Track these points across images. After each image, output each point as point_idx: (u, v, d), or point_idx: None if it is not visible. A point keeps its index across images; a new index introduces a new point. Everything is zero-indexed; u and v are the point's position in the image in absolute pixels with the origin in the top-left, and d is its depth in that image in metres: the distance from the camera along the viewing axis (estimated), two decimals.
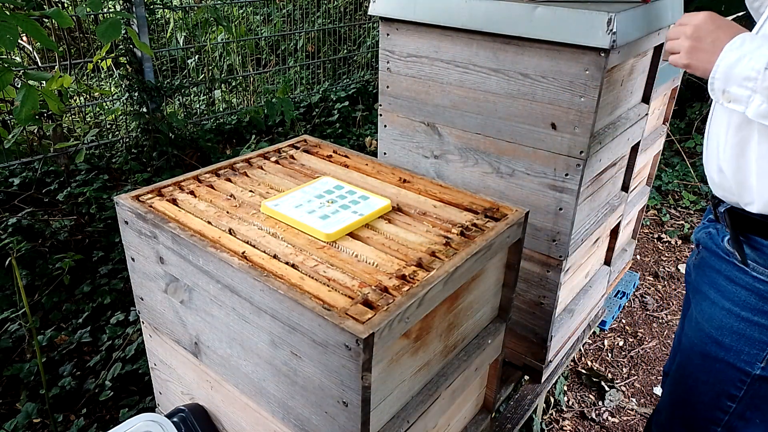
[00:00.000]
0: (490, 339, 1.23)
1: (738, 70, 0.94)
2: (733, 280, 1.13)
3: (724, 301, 1.15)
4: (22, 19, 1.78)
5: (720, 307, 1.16)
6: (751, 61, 0.92)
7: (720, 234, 1.18)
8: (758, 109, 0.93)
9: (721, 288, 1.16)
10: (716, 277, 1.18)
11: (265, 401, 1.04)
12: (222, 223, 1.09)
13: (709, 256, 1.20)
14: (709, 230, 1.22)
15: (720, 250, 1.17)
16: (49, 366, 2.11)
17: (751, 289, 1.09)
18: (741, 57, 0.94)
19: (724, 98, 0.98)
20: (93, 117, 3.87)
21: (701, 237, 1.24)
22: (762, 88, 0.91)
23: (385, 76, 1.72)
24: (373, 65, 5.23)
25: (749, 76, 0.92)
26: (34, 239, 2.65)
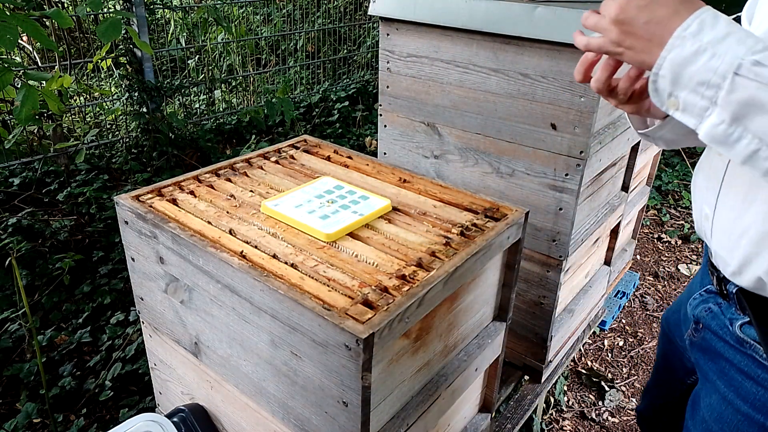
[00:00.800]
0: (490, 339, 1.23)
1: (694, 69, 0.64)
2: (753, 377, 0.88)
3: (740, 402, 0.90)
4: (22, 19, 1.78)
5: (735, 408, 0.91)
6: (713, 60, 0.63)
7: (726, 314, 0.93)
8: (714, 130, 0.65)
9: (736, 384, 0.91)
10: (727, 367, 0.93)
11: (265, 401, 1.04)
12: (222, 223, 1.09)
13: (714, 339, 0.96)
14: (709, 306, 0.97)
15: (730, 338, 0.91)
16: (49, 366, 2.10)
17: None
18: (700, 50, 0.64)
19: (670, 104, 0.69)
20: (93, 117, 3.87)
21: (701, 315, 0.99)
22: (727, 101, 0.63)
23: (385, 76, 1.72)
24: (373, 65, 5.23)
25: (709, 81, 0.64)
26: (34, 239, 2.65)
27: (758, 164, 0.64)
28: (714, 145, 0.67)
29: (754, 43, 0.63)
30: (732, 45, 0.63)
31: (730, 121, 0.64)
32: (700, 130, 0.67)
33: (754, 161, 0.64)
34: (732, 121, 0.64)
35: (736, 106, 0.63)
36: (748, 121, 0.62)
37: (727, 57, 0.63)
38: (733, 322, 0.91)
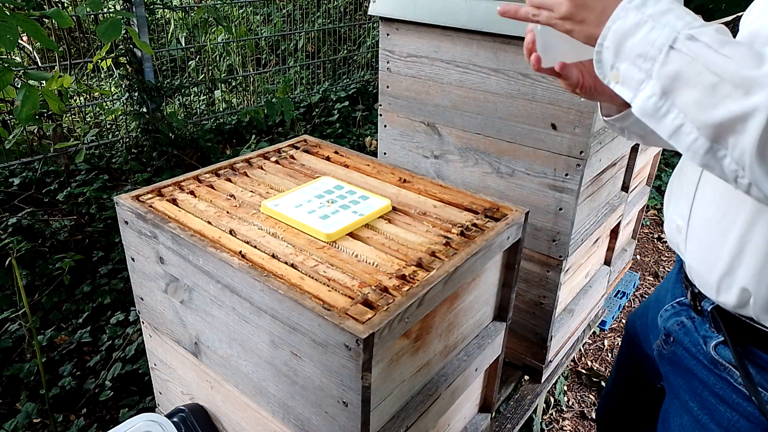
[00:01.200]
0: (490, 339, 1.23)
1: (634, 41, 0.65)
2: (728, 402, 0.85)
3: (714, 426, 0.88)
4: (22, 19, 1.78)
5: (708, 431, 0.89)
6: (652, 32, 0.63)
7: (700, 331, 0.89)
8: (646, 103, 0.65)
9: (710, 407, 0.88)
10: (700, 388, 0.90)
11: (265, 401, 1.04)
12: (222, 223, 1.09)
13: (686, 356, 0.92)
14: (682, 320, 0.93)
15: (703, 357, 0.88)
16: (49, 366, 2.10)
17: (756, 422, 0.82)
18: (641, 23, 0.64)
19: (612, 77, 0.68)
20: (93, 117, 3.87)
21: (673, 328, 0.95)
22: (660, 74, 0.63)
23: (385, 76, 1.72)
24: (373, 65, 5.23)
25: (647, 53, 0.64)
26: (34, 239, 2.65)
27: (681, 139, 0.64)
28: (645, 120, 0.67)
29: (693, 19, 0.64)
30: (671, 19, 0.63)
31: (660, 95, 0.64)
32: (634, 103, 0.67)
33: (678, 136, 0.64)
34: (662, 95, 0.64)
35: (666, 80, 0.63)
36: (675, 95, 0.63)
37: (665, 30, 0.63)
38: (707, 341, 0.87)
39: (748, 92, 0.57)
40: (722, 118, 0.59)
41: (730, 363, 0.84)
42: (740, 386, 0.83)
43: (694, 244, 0.86)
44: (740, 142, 0.58)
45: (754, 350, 0.81)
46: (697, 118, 0.61)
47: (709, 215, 0.82)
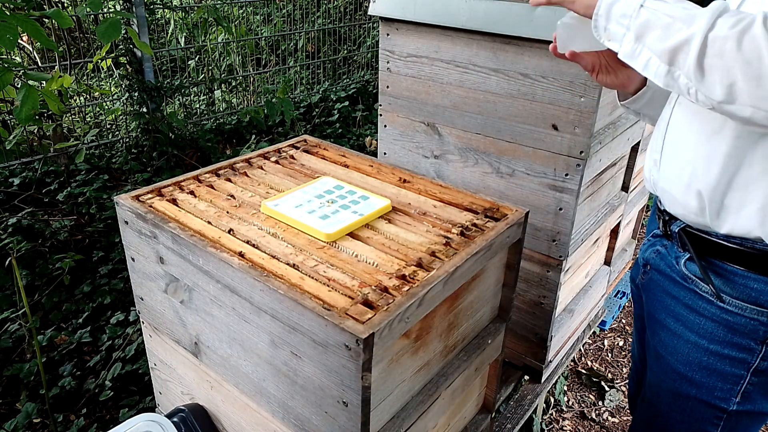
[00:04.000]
0: (490, 339, 1.23)
1: (617, 7, 0.88)
2: (696, 310, 1.03)
3: (689, 333, 1.05)
4: (22, 19, 1.78)
5: (684, 339, 1.06)
6: None
7: (672, 254, 1.08)
8: (626, 48, 0.88)
9: (682, 318, 1.06)
10: (673, 304, 1.08)
11: (265, 401, 1.04)
12: (222, 223, 1.09)
13: (661, 279, 1.10)
14: (657, 248, 1.12)
15: (676, 275, 1.06)
16: (49, 366, 2.11)
17: (719, 321, 1.00)
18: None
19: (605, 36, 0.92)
20: (93, 117, 3.87)
21: (650, 257, 1.13)
22: (635, 25, 0.86)
23: (385, 76, 1.72)
24: (373, 65, 5.23)
25: (626, 12, 0.87)
26: (34, 239, 2.65)
27: (650, 68, 0.85)
28: (626, 60, 0.89)
29: None
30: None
31: (635, 40, 0.87)
32: (620, 51, 0.90)
33: (648, 67, 0.86)
34: (636, 39, 0.86)
35: (639, 28, 0.86)
36: (645, 38, 0.85)
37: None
38: (678, 260, 1.06)
39: (690, 24, 0.80)
40: (674, 45, 0.81)
41: (696, 275, 1.02)
42: (705, 293, 1.02)
43: (665, 168, 1.04)
44: (687, 60, 0.80)
45: (714, 261, 0.99)
46: (658, 50, 0.84)
47: (675, 138, 1.02)
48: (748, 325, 0.97)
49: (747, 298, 0.97)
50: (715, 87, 0.78)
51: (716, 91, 0.78)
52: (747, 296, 0.96)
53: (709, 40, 0.77)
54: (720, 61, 0.77)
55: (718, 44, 0.77)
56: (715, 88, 0.78)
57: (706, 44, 0.78)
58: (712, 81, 0.78)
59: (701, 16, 0.79)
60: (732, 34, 0.76)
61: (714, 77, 0.78)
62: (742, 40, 0.75)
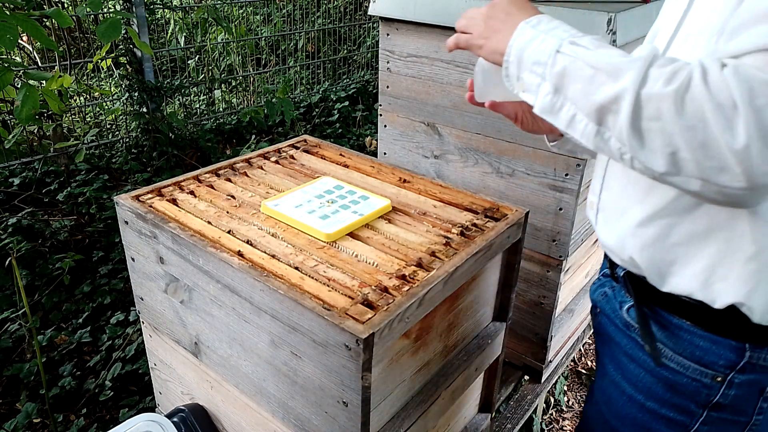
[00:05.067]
0: (490, 339, 1.23)
1: (529, 52, 0.77)
2: (636, 360, 0.93)
3: (626, 384, 0.95)
4: (22, 19, 1.78)
5: (620, 390, 0.97)
6: (543, 43, 0.76)
7: (618, 298, 0.97)
8: (544, 101, 0.75)
9: (622, 366, 0.96)
10: (616, 351, 0.98)
11: (265, 401, 1.04)
12: (222, 223, 1.09)
13: (608, 323, 1.00)
14: (605, 290, 1.02)
15: (619, 321, 0.96)
16: (49, 366, 2.10)
17: (658, 377, 0.90)
18: (534, 37, 0.77)
19: (518, 87, 0.80)
20: (93, 117, 3.87)
21: (598, 299, 1.04)
22: (551, 74, 0.74)
23: (385, 76, 1.72)
24: (373, 65, 5.23)
25: (539, 60, 0.75)
26: (34, 239, 2.64)
27: (575, 127, 0.73)
28: (545, 116, 0.76)
29: (576, 32, 0.76)
30: (558, 32, 0.76)
31: (554, 92, 0.74)
32: (535, 104, 0.77)
33: (573, 125, 0.73)
34: (555, 91, 0.74)
35: (556, 78, 0.73)
36: (565, 90, 0.73)
37: (553, 40, 0.75)
38: (622, 305, 0.96)
39: (617, 77, 0.67)
40: (601, 102, 0.68)
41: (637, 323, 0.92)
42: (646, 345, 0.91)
43: (603, 215, 0.96)
44: (618, 121, 0.67)
45: (658, 310, 0.89)
46: (583, 106, 0.71)
47: (613, 185, 0.92)
48: (690, 385, 0.86)
49: (691, 357, 0.86)
50: (655, 155, 0.65)
51: (657, 160, 0.65)
52: (691, 354, 0.85)
53: (643, 99, 0.64)
54: (658, 125, 0.63)
55: (654, 104, 0.63)
56: (656, 156, 0.65)
57: (639, 104, 0.64)
58: (651, 148, 0.65)
59: (630, 68, 0.66)
60: (669, 94, 0.62)
61: (653, 144, 0.65)
62: (683, 101, 0.61)
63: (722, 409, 0.86)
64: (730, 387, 0.84)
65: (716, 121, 0.60)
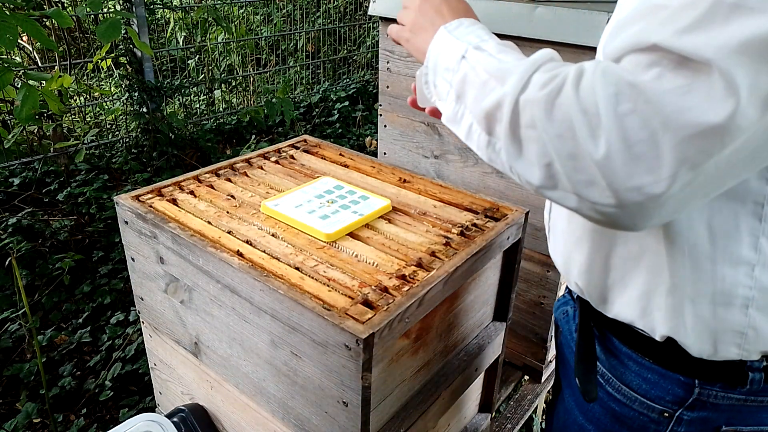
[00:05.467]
0: (490, 339, 1.23)
1: (443, 58, 0.72)
2: None
3: (578, 412, 0.90)
4: (22, 19, 1.78)
5: (573, 418, 0.91)
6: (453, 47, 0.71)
7: (574, 320, 0.91)
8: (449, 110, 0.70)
9: (576, 394, 0.89)
10: (571, 375, 0.90)
11: (265, 401, 1.04)
12: (222, 223, 1.09)
13: (564, 344, 0.95)
14: (566, 310, 0.96)
15: (573, 343, 0.90)
16: (49, 366, 2.11)
17: (606, 408, 0.84)
18: (448, 42, 0.72)
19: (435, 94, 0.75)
20: (93, 117, 3.87)
21: (559, 317, 0.98)
22: (454, 81, 0.69)
23: (385, 76, 1.72)
24: (373, 65, 5.23)
25: (449, 66, 0.70)
26: (34, 239, 2.65)
27: (472, 138, 0.67)
28: (451, 127, 0.71)
29: (484, 34, 0.72)
30: (469, 36, 0.72)
31: (456, 100, 0.69)
32: (443, 114, 0.72)
33: (470, 135, 0.67)
34: (457, 99, 0.69)
35: (458, 85, 0.69)
36: (465, 97, 0.68)
37: (461, 44, 0.70)
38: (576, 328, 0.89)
39: (503, 81, 0.61)
40: (487, 109, 0.62)
41: None
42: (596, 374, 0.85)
43: (551, 234, 0.92)
44: (501, 129, 0.61)
45: (608, 334, 0.83)
46: (476, 114, 0.65)
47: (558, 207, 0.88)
48: (638, 419, 0.81)
49: (637, 389, 0.79)
50: (531, 167, 0.59)
51: (533, 172, 0.59)
52: (638, 387, 0.79)
53: (521, 105, 0.58)
54: (533, 133, 0.57)
55: (528, 111, 0.58)
56: (532, 168, 0.59)
57: (517, 110, 0.59)
58: (528, 159, 0.59)
59: (513, 72, 0.61)
60: (540, 99, 0.56)
61: (529, 154, 0.59)
62: (552, 107, 0.55)
63: None
64: (680, 424, 0.78)
65: (581, 128, 0.54)
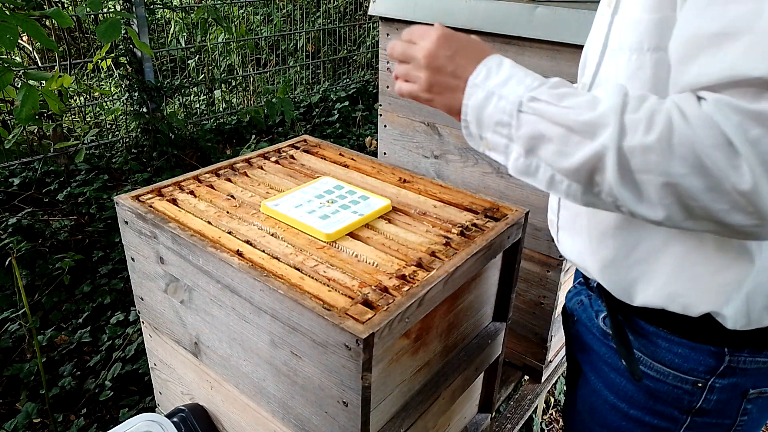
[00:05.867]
0: (490, 339, 1.23)
1: (488, 112, 0.72)
2: (616, 369, 0.92)
3: (607, 392, 0.94)
4: (22, 19, 1.78)
5: (603, 398, 0.95)
6: (501, 101, 0.71)
7: (594, 307, 0.96)
8: (516, 163, 0.72)
9: (603, 375, 0.94)
10: (595, 359, 0.96)
11: (265, 401, 1.04)
12: (222, 223, 1.09)
13: (585, 332, 0.99)
14: (581, 299, 1.00)
15: (596, 330, 0.95)
16: (49, 366, 2.10)
17: (638, 385, 0.89)
18: (489, 95, 0.72)
19: (483, 145, 0.76)
20: (93, 117, 3.87)
21: (574, 307, 1.02)
22: (518, 136, 0.70)
23: (385, 76, 1.72)
24: (373, 65, 5.23)
25: (502, 120, 0.71)
26: (34, 239, 2.65)
27: (558, 188, 0.69)
28: (522, 178, 0.73)
29: (532, 81, 0.71)
30: (513, 86, 0.71)
31: (526, 154, 0.70)
32: (508, 166, 0.74)
33: (553, 185, 0.70)
34: (527, 154, 0.70)
35: (525, 140, 0.69)
36: (537, 151, 0.69)
37: (510, 97, 0.70)
38: (599, 314, 0.94)
39: (593, 135, 0.63)
40: (581, 162, 0.64)
41: None
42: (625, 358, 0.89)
43: (564, 234, 0.95)
44: (605, 178, 0.63)
45: (633, 318, 0.87)
46: (562, 168, 0.67)
47: (570, 207, 0.91)
48: (672, 393, 0.85)
49: (670, 364, 0.84)
50: (655, 207, 0.62)
51: (658, 211, 0.62)
52: (670, 362, 0.84)
53: (627, 153, 0.61)
54: (651, 177, 0.60)
55: (640, 157, 0.60)
56: (656, 208, 0.62)
57: (624, 158, 0.61)
58: (649, 200, 0.62)
59: (604, 122, 0.62)
60: (653, 144, 0.59)
61: (651, 196, 0.61)
62: (671, 149, 0.58)
63: (706, 414, 0.85)
64: (712, 392, 0.83)
65: (716, 162, 0.56)
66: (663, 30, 0.69)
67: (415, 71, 0.80)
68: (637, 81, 0.73)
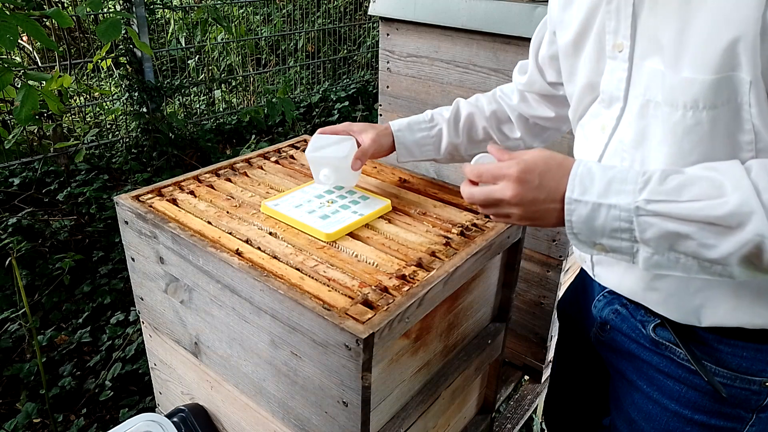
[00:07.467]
0: (490, 339, 1.23)
1: (600, 223, 0.72)
2: (675, 377, 0.91)
3: (667, 400, 0.94)
4: (22, 19, 1.78)
5: (662, 406, 0.95)
6: (612, 211, 0.71)
7: (636, 316, 0.95)
8: (650, 261, 0.72)
9: (658, 383, 0.94)
10: (645, 367, 0.96)
11: (265, 401, 1.04)
12: (222, 223, 1.09)
13: (627, 341, 0.97)
14: (616, 308, 0.99)
15: (643, 339, 0.94)
16: (49, 366, 2.11)
17: (705, 392, 0.89)
18: (595, 208, 0.72)
19: (598, 249, 0.76)
20: (93, 117, 3.87)
21: (609, 317, 1.00)
22: (645, 239, 0.70)
23: (385, 76, 1.72)
24: (373, 65, 5.23)
25: (620, 227, 0.71)
26: (34, 239, 2.65)
27: (707, 272, 0.70)
28: (658, 272, 0.73)
29: (634, 180, 0.71)
30: (619, 194, 0.71)
31: (661, 252, 0.70)
32: (638, 265, 0.73)
33: (702, 272, 0.70)
34: (662, 251, 0.70)
35: (657, 241, 0.70)
36: (674, 248, 0.69)
37: (621, 205, 0.70)
38: (645, 324, 0.93)
39: (739, 225, 0.65)
40: (731, 252, 0.66)
41: (670, 342, 0.90)
42: (683, 362, 0.89)
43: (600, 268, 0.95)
44: (764, 260, 0.66)
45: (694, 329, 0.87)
46: (710, 258, 0.68)
47: None
48: (739, 395, 0.87)
49: (737, 368, 0.86)
50: None
51: None
52: (737, 366, 0.86)
53: None
54: None
55: None
56: None
57: None
58: None
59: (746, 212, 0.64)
60: None
61: None
62: None
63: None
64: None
65: None
66: (720, 89, 0.70)
67: (505, 209, 0.80)
68: (695, 135, 0.74)
